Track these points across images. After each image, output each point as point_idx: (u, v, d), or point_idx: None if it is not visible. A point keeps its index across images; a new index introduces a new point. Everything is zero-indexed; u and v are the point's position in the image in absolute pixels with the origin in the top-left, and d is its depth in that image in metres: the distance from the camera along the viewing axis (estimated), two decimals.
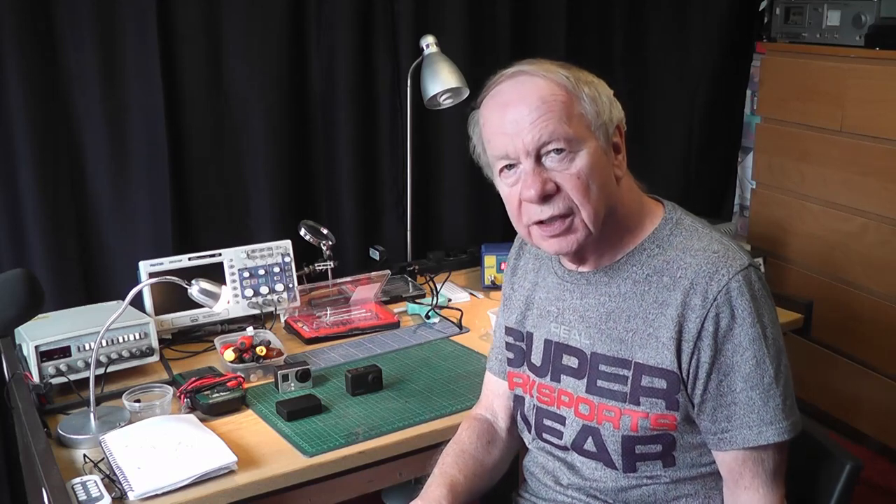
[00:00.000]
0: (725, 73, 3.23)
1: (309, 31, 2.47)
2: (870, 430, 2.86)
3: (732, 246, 1.25)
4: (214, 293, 1.73)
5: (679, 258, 1.25)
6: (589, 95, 1.24)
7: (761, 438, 1.21)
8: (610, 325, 1.29)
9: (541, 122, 1.20)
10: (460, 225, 2.83)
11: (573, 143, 1.21)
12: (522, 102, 1.22)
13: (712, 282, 1.20)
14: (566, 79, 1.23)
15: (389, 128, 2.64)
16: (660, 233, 1.29)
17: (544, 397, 1.38)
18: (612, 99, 1.28)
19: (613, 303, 1.29)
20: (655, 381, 1.24)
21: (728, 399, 1.22)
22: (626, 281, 1.28)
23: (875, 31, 2.71)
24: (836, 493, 1.30)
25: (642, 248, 1.29)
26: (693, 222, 1.31)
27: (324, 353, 2.02)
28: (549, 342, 1.37)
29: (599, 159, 1.24)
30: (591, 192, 1.22)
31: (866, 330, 2.81)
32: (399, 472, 1.65)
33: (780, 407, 1.21)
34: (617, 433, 1.27)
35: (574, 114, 1.22)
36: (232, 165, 2.43)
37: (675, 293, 1.22)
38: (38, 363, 1.74)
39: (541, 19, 2.83)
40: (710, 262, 1.22)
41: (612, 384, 1.28)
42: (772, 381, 1.20)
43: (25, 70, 2.09)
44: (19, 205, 2.15)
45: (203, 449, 1.50)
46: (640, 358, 1.25)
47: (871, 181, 2.73)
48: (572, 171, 1.22)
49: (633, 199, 1.31)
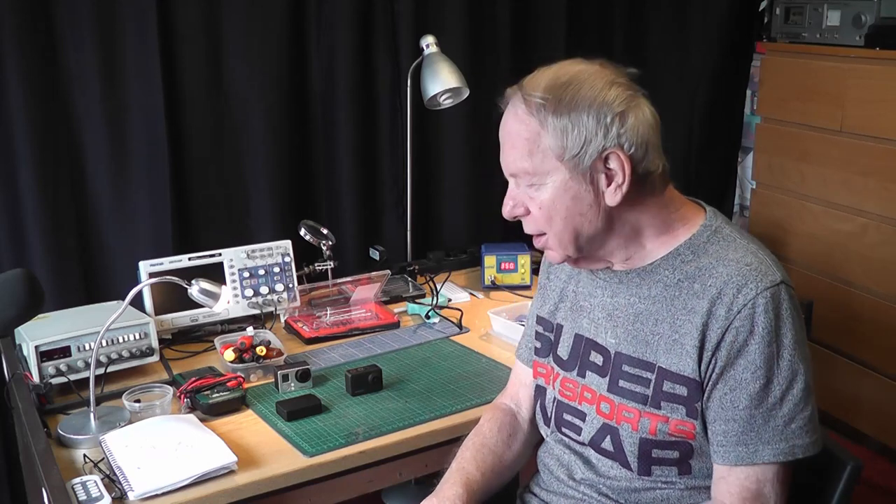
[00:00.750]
0: (725, 73, 3.23)
1: (309, 31, 2.47)
2: (870, 430, 2.86)
3: (767, 261, 1.23)
4: (214, 293, 1.73)
5: (712, 267, 1.23)
6: (559, 127, 1.21)
7: (756, 458, 1.20)
8: (637, 327, 1.28)
9: (510, 155, 1.27)
10: (460, 225, 2.83)
11: (536, 177, 1.24)
12: (504, 132, 1.29)
13: (739, 294, 1.18)
14: (540, 107, 1.22)
15: (389, 128, 2.64)
16: (697, 239, 1.27)
17: (567, 391, 1.38)
18: (602, 128, 1.20)
19: (643, 304, 1.28)
20: (677, 388, 1.23)
21: (729, 414, 1.21)
22: (658, 284, 1.27)
23: (875, 31, 2.71)
24: (836, 493, 1.30)
25: (677, 253, 1.27)
26: (732, 231, 1.28)
27: (324, 353, 2.02)
28: (579, 337, 1.37)
29: (567, 191, 1.23)
30: (553, 222, 1.26)
31: (866, 330, 2.81)
32: (399, 472, 1.65)
33: (781, 427, 1.19)
34: (635, 435, 1.27)
35: (539, 148, 1.23)
36: (232, 165, 2.43)
37: (703, 301, 1.21)
38: (38, 363, 1.74)
39: (541, 19, 2.83)
40: (741, 274, 1.20)
41: (634, 385, 1.28)
42: (777, 402, 1.19)
43: (25, 70, 2.09)
44: (19, 205, 2.15)
45: (203, 449, 1.50)
46: (663, 363, 1.25)
47: (871, 181, 2.73)
48: (536, 201, 1.26)
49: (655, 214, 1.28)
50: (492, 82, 2.77)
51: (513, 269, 2.41)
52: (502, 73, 2.77)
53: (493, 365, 1.93)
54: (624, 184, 1.22)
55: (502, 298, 2.36)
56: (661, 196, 1.28)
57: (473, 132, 2.77)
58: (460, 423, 1.67)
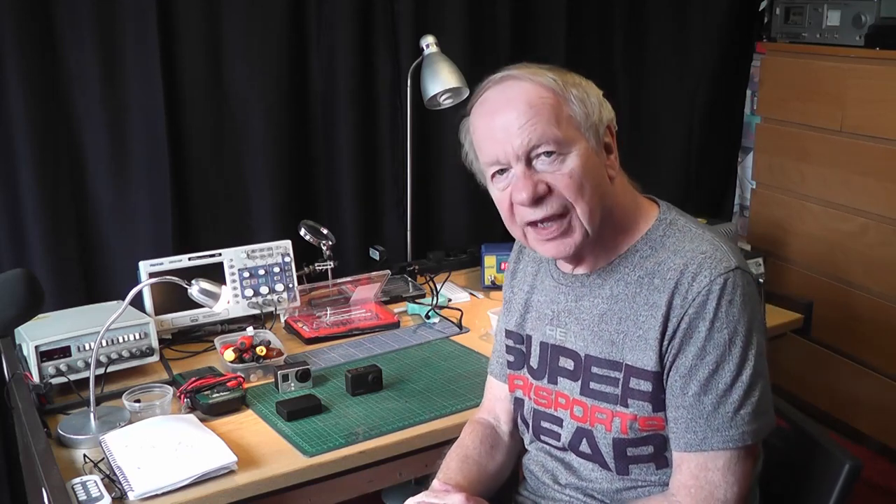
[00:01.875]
0: (725, 73, 3.23)
1: (309, 31, 2.47)
2: (870, 430, 2.86)
3: (722, 247, 1.23)
4: (214, 293, 1.73)
5: (669, 259, 1.24)
6: (577, 97, 1.23)
7: (704, 445, 1.20)
8: (602, 327, 1.29)
9: (529, 126, 1.21)
10: (460, 225, 2.83)
11: (563, 145, 1.21)
12: (510, 107, 1.22)
13: (694, 282, 1.20)
14: (553, 81, 1.23)
15: (389, 128, 2.64)
16: (653, 234, 1.28)
17: (542, 399, 1.39)
18: (602, 100, 1.27)
19: (606, 305, 1.29)
20: (642, 384, 1.24)
21: (679, 401, 1.21)
22: (619, 283, 1.28)
23: (875, 31, 2.71)
24: (837, 493, 1.30)
25: (635, 250, 1.28)
26: (687, 223, 1.29)
27: (324, 353, 2.02)
28: (545, 345, 1.38)
29: (591, 159, 1.23)
30: (584, 190, 1.22)
31: (866, 330, 2.81)
32: (399, 472, 1.65)
33: (730, 415, 1.18)
34: (609, 435, 1.27)
35: (563, 116, 1.22)
36: (232, 165, 2.43)
37: (663, 295, 1.22)
38: (38, 363, 1.74)
39: (541, 19, 2.83)
40: (696, 262, 1.21)
41: (605, 386, 1.28)
42: (727, 388, 1.18)
43: (25, 70, 2.08)
44: (19, 205, 2.15)
45: (203, 449, 1.50)
46: (629, 360, 1.25)
47: (871, 181, 2.73)
48: (564, 171, 1.22)
49: (627, 199, 1.31)
50: None
51: None
52: None
53: None
54: (616, 156, 1.27)
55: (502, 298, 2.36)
56: (623, 178, 1.31)
57: None
58: (460, 424, 1.66)
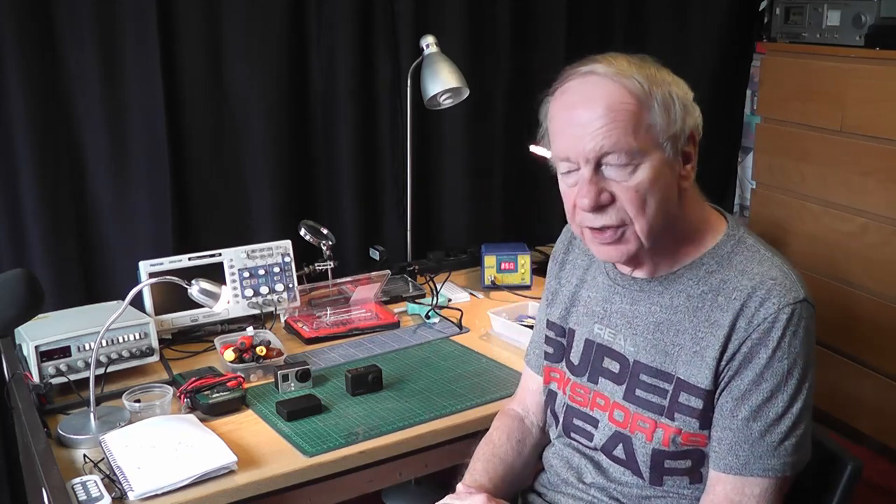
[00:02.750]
0: (725, 73, 3.23)
1: (309, 31, 2.47)
2: (870, 430, 2.86)
3: (792, 276, 1.20)
4: (214, 293, 1.73)
5: (736, 279, 1.21)
6: (661, 103, 1.18)
7: (745, 470, 1.19)
8: (657, 336, 1.26)
9: (604, 131, 1.16)
10: (460, 225, 2.83)
11: (636, 156, 1.16)
12: (588, 107, 1.17)
13: (762, 308, 1.17)
14: (639, 85, 1.17)
15: (389, 128, 2.64)
16: (721, 249, 1.26)
17: (578, 397, 1.37)
18: (689, 103, 1.22)
19: (664, 314, 1.26)
20: (693, 401, 1.22)
21: (727, 422, 1.20)
22: (681, 294, 1.26)
23: (875, 31, 2.71)
24: (837, 493, 1.30)
25: (701, 263, 1.26)
26: (755, 243, 1.27)
27: (324, 353, 2.02)
28: (590, 342, 1.36)
29: (662, 172, 1.19)
30: (647, 206, 1.18)
31: (866, 330, 2.81)
32: (399, 472, 1.65)
33: (775, 444, 1.18)
34: (648, 445, 1.26)
35: (642, 124, 1.17)
36: (232, 165, 2.43)
37: (727, 314, 1.20)
38: (38, 363, 1.74)
39: (541, 19, 2.83)
40: (765, 287, 1.18)
41: (651, 395, 1.26)
42: (777, 417, 1.18)
43: (25, 70, 2.08)
44: (19, 205, 2.15)
45: (203, 449, 1.50)
46: (682, 374, 1.23)
47: (871, 181, 2.73)
48: (630, 184, 1.17)
49: (695, 211, 1.28)
50: (492, 82, 2.77)
51: (513, 269, 2.41)
52: (502, 73, 2.78)
53: (493, 365, 1.93)
54: (694, 166, 1.23)
55: (502, 298, 2.36)
56: (694, 189, 1.28)
57: (473, 132, 2.77)
58: (460, 423, 1.67)
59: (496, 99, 2.80)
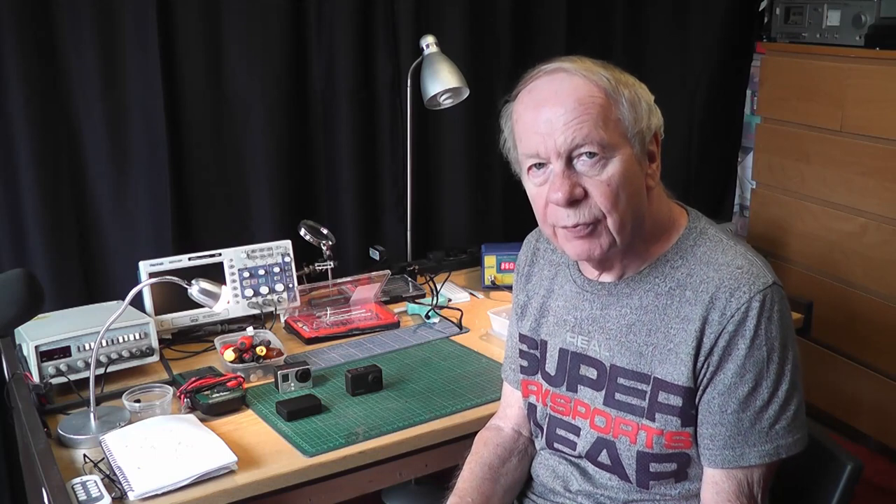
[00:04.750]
0: (725, 73, 3.23)
1: (309, 30, 2.47)
2: (870, 430, 2.86)
3: (757, 262, 1.21)
4: (214, 293, 1.73)
5: (702, 271, 1.22)
6: (628, 100, 1.19)
7: (742, 461, 1.20)
8: (630, 339, 1.26)
9: (575, 124, 1.16)
10: (460, 225, 2.83)
11: (606, 149, 1.17)
12: (558, 102, 1.18)
13: (732, 298, 1.17)
14: (606, 80, 1.19)
15: (389, 128, 2.63)
16: (683, 243, 1.26)
17: (559, 407, 1.36)
18: (652, 105, 1.24)
19: (635, 315, 1.26)
20: (672, 398, 1.22)
21: (717, 418, 1.20)
22: (649, 293, 1.26)
23: (875, 31, 2.71)
24: (837, 493, 1.30)
25: (665, 260, 1.26)
26: (717, 233, 1.27)
27: (324, 353, 2.02)
28: (564, 351, 1.35)
29: (631, 167, 1.19)
30: (619, 200, 1.19)
31: (866, 330, 2.81)
32: (399, 472, 1.65)
33: (766, 430, 1.19)
34: (633, 448, 1.26)
35: (611, 118, 1.18)
36: (232, 165, 2.43)
37: (697, 308, 1.20)
38: (38, 363, 1.74)
39: (541, 19, 2.83)
40: (732, 277, 1.19)
41: (631, 398, 1.26)
42: (764, 403, 1.18)
43: (25, 70, 2.08)
44: (19, 205, 2.15)
45: (203, 449, 1.50)
46: (659, 373, 1.23)
47: (871, 181, 2.73)
48: (602, 178, 1.18)
49: (662, 209, 1.28)
50: (492, 82, 2.77)
51: (513, 269, 2.40)
52: (502, 73, 2.78)
53: (493, 365, 1.92)
54: (658, 165, 1.24)
55: (502, 298, 2.36)
56: (660, 187, 1.28)
57: (473, 132, 2.77)
58: (460, 423, 1.67)
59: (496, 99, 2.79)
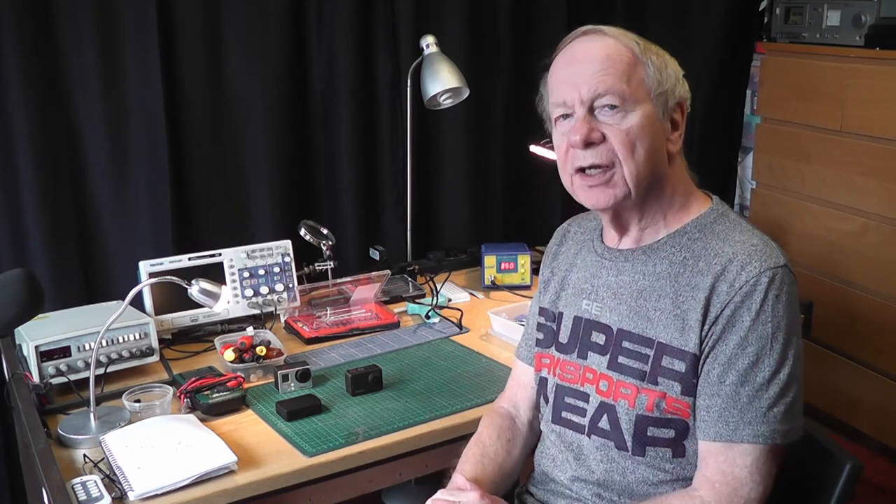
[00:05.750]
0: (725, 73, 3.23)
1: (309, 30, 2.47)
2: (870, 430, 2.86)
3: (772, 244, 1.25)
4: (214, 293, 1.73)
5: (718, 245, 1.26)
6: (655, 64, 1.26)
7: (735, 436, 1.20)
8: (640, 303, 1.29)
9: (600, 76, 1.24)
10: (460, 225, 2.83)
11: (627, 103, 1.24)
12: (588, 57, 1.26)
13: (742, 271, 1.20)
14: (636, 44, 1.26)
15: (389, 128, 2.63)
16: (704, 219, 1.31)
17: (567, 374, 1.38)
18: (681, 78, 1.30)
19: (647, 281, 1.30)
20: (676, 363, 1.24)
21: (715, 389, 1.21)
22: (663, 261, 1.29)
23: (875, 31, 2.71)
24: (836, 493, 1.30)
25: (684, 231, 1.30)
26: (738, 217, 1.32)
27: (324, 353, 2.02)
28: (578, 319, 1.38)
29: (652, 124, 1.25)
30: (636, 150, 1.24)
31: (866, 330, 2.81)
32: (399, 472, 1.65)
33: (764, 410, 1.19)
34: (632, 412, 1.27)
35: (635, 76, 1.25)
36: (232, 165, 2.43)
37: (707, 278, 1.23)
38: (38, 363, 1.74)
39: (541, 19, 2.83)
40: (745, 252, 1.22)
41: (633, 362, 1.28)
42: (765, 381, 1.19)
43: (25, 70, 2.08)
44: (19, 205, 2.15)
45: (203, 449, 1.50)
46: (663, 338, 1.25)
47: (871, 181, 2.73)
48: (622, 127, 1.24)
49: (681, 181, 1.33)
50: (492, 82, 2.77)
51: (513, 269, 2.41)
52: (502, 73, 2.78)
53: (493, 365, 1.93)
54: (681, 134, 1.30)
55: (502, 298, 2.36)
56: (682, 162, 1.33)
57: (473, 132, 2.77)
58: (460, 423, 1.67)
59: (496, 99, 2.80)
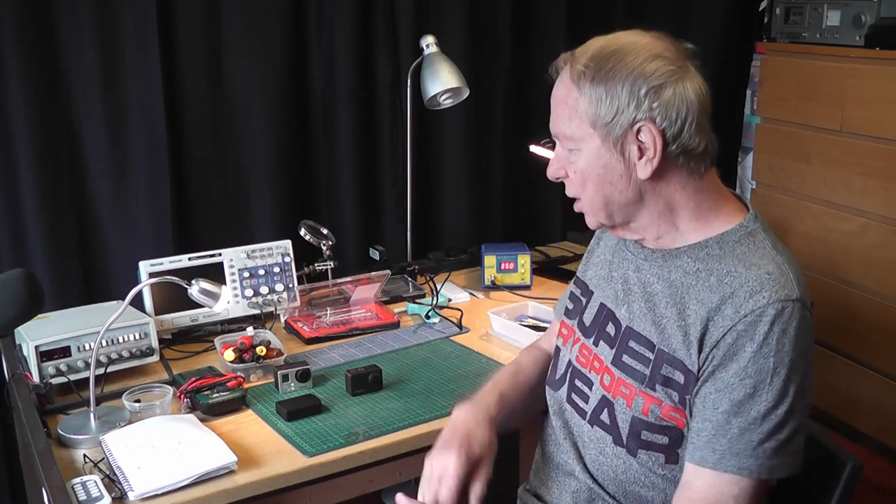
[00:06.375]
0: (725, 73, 3.23)
1: (309, 30, 2.47)
2: (870, 430, 2.86)
3: (790, 275, 1.18)
4: (214, 293, 1.73)
5: (733, 265, 1.21)
6: (593, 96, 1.22)
7: (720, 465, 1.17)
8: (650, 306, 1.29)
9: (554, 118, 1.30)
10: (460, 225, 2.83)
11: (577, 142, 1.26)
12: (552, 97, 1.31)
13: (750, 299, 1.16)
14: (581, 75, 1.24)
15: (389, 128, 2.63)
16: (728, 237, 1.26)
17: (582, 357, 1.40)
18: (642, 97, 1.20)
19: (660, 286, 1.29)
20: (675, 374, 1.23)
21: (707, 414, 1.19)
22: (678, 269, 1.27)
23: (875, 31, 2.71)
24: (836, 493, 1.30)
25: (705, 245, 1.26)
26: (765, 239, 1.25)
27: (324, 353, 2.02)
28: (603, 306, 1.39)
29: (600, 158, 1.25)
30: (586, 188, 1.29)
31: (866, 330, 2.81)
32: (399, 472, 1.65)
33: (754, 444, 1.15)
34: (628, 412, 1.27)
35: (577, 112, 1.25)
36: (232, 165, 2.43)
37: (714, 296, 1.20)
38: (38, 363, 1.74)
39: (541, 19, 2.83)
40: (758, 279, 1.17)
41: (636, 363, 1.28)
42: (759, 416, 1.15)
43: (25, 70, 2.08)
44: (19, 205, 2.15)
45: (203, 449, 1.51)
46: (664, 346, 1.24)
47: (871, 181, 2.73)
48: (575, 167, 1.29)
49: (683, 198, 1.26)
50: (492, 82, 2.77)
51: (513, 269, 2.41)
52: (502, 73, 2.78)
53: (494, 365, 1.93)
54: (655, 158, 1.21)
55: (502, 298, 2.36)
56: (700, 178, 1.26)
57: (473, 132, 2.77)
58: None
59: (496, 99, 2.80)
